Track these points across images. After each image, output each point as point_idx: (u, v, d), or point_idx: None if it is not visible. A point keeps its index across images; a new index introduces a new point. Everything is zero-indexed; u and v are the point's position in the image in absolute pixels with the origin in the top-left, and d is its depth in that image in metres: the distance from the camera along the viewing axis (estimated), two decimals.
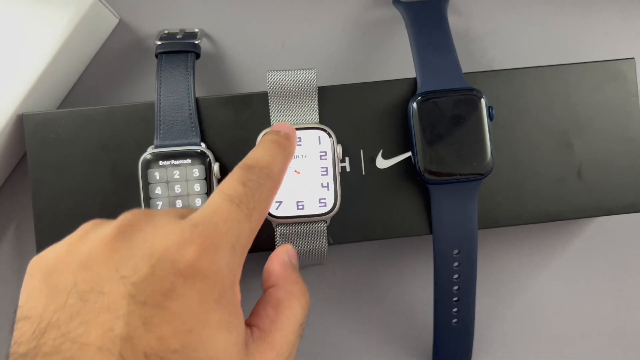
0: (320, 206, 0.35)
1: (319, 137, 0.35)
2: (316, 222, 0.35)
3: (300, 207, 0.34)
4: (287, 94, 0.35)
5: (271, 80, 0.35)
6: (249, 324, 0.24)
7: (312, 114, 0.36)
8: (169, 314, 0.20)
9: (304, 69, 0.36)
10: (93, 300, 0.20)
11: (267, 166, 0.27)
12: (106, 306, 0.20)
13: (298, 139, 0.35)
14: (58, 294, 0.21)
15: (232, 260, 0.23)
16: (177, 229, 0.22)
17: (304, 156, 0.35)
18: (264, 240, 0.36)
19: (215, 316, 0.21)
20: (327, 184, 0.35)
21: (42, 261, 0.23)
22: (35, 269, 0.23)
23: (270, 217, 0.35)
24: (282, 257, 0.27)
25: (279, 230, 0.35)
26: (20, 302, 0.22)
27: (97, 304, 0.20)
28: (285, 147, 0.29)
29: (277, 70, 0.36)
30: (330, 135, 0.35)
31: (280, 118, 0.35)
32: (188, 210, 0.25)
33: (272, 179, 0.26)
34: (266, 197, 0.26)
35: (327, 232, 0.36)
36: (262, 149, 0.28)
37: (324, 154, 0.35)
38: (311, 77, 0.36)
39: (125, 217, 0.24)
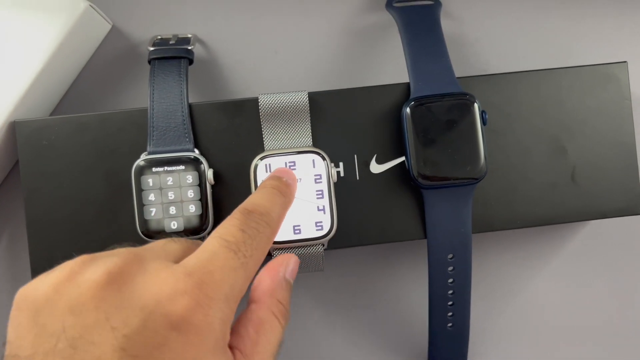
0: (317, 230, 0.35)
1: (313, 160, 0.35)
2: (313, 245, 0.35)
3: (297, 231, 0.34)
4: (279, 116, 0.36)
5: (263, 103, 0.35)
6: (230, 346, 0.24)
7: (306, 137, 0.36)
8: None
9: (296, 92, 0.36)
10: (83, 350, 0.20)
11: (267, 213, 0.27)
12: (97, 357, 0.20)
13: (292, 163, 0.35)
14: (47, 336, 0.21)
15: (226, 311, 0.23)
16: (170, 277, 0.22)
17: (299, 180, 0.35)
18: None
19: None
20: (323, 207, 0.35)
21: (29, 297, 0.22)
22: (23, 305, 0.22)
23: None
24: (277, 269, 0.27)
25: (275, 255, 0.35)
26: (9, 338, 0.22)
27: (88, 354, 0.20)
28: (285, 194, 0.29)
29: (269, 93, 0.36)
30: (324, 158, 0.35)
31: (273, 143, 0.35)
32: (183, 249, 0.25)
33: (270, 226, 0.26)
34: (264, 245, 0.25)
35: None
36: (262, 195, 0.28)
37: (318, 177, 0.35)
38: (303, 99, 0.36)
39: (115, 262, 0.22)
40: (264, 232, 0.26)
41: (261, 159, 0.35)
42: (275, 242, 0.34)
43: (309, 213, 0.35)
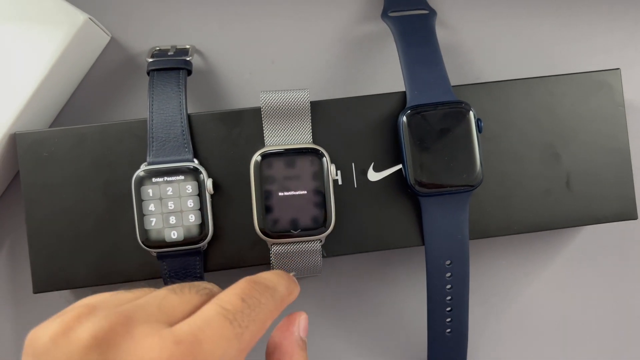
0: (314, 225, 0.35)
1: (313, 157, 0.35)
2: (311, 241, 0.35)
3: (295, 226, 0.35)
4: (280, 114, 0.36)
5: (265, 100, 0.36)
6: None
7: (306, 134, 0.36)
8: None
9: (297, 90, 0.36)
10: None
11: (273, 287, 0.26)
12: None
13: (292, 160, 0.35)
14: None
15: None
16: (156, 345, 0.21)
17: (298, 176, 0.35)
18: (260, 256, 0.37)
19: None
20: (322, 203, 0.35)
21: (34, 342, 0.23)
22: (29, 350, 0.22)
23: (265, 237, 0.35)
24: (292, 330, 0.27)
25: (273, 249, 0.35)
26: None
27: None
28: (292, 283, 0.28)
29: (270, 91, 0.36)
30: (323, 155, 0.35)
31: (274, 139, 0.36)
32: (182, 304, 0.24)
33: (274, 301, 0.25)
34: (263, 318, 0.24)
35: (321, 248, 0.36)
36: (271, 273, 0.27)
37: (317, 174, 0.35)
38: (304, 97, 0.36)
39: (102, 325, 0.22)
40: (266, 304, 0.25)
41: (261, 154, 0.35)
42: (273, 237, 0.35)
43: (308, 208, 0.35)
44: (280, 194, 0.35)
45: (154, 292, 0.25)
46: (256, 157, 0.35)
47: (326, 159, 0.35)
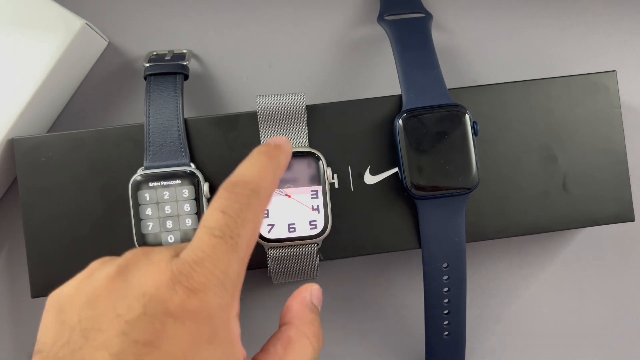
0: (311, 229, 0.35)
1: (309, 160, 0.35)
2: (307, 244, 0.36)
3: (291, 229, 0.35)
4: (276, 117, 0.36)
5: (260, 104, 0.36)
6: None
7: (302, 138, 0.36)
8: (160, 353, 0.21)
9: (293, 94, 0.36)
10: (92, 338, 0.21)
11: (253, 180, 0.26)
12: (102, 343, 0.21)
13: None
14: (65, 330, 0.22)
15: (223, 297, 0.23)
16: (169, 267, 0.23)
17: (294, 180, 0.35)
18: (257, 259, 0.37)
19: (207, 356, 0.22)
20: (318, 206, 0.35)
21: (55, 297, 0.24)
22: (50, 305, 0.24)
23: (261, 241, 0.35)
24: (303, 295, 0.28)
25: (270, 253, 0.35)
26: (38, 336, 0.23)
27: (96, 341, 0.21)
28: (275, 157, 0.28)
29: (266, 95, 0.36)
30: (319, 159, 0.35)
31: None
32: (183, 245, 0.25)
33: (258, 195, 0.26)
34: (253, 218, 0.25)
35: (318, 251, 0.36)
36: (248, 162, 0.27)
37: (314, 177, 0.35)
38: (300, 101, 0.36)
39: (125, 256, 0.24)
40: (251, 204, 0.25)
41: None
42: (270, 240, 0.35)
43: (304, 212, 0.35)
44: (276, 197, 0.35)
45: None
46: None
47: (322, 163, 0.35)
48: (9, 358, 0.41)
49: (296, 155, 0.35)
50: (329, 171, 0.35)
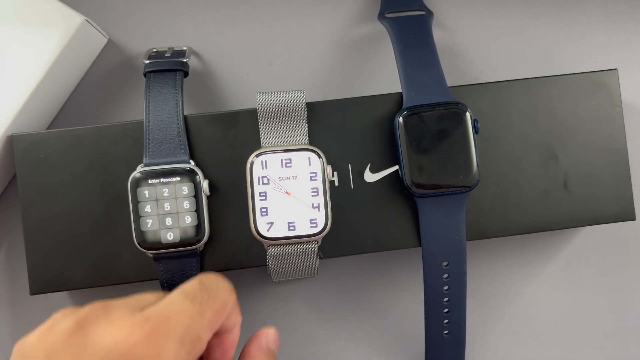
0: (311, 227, 0.35)
1: (309, 158, 0.35)
2: (307, 242, 0.35)
3: (291, 228, 0.35)
4: (276, 115, 0.36)
5: (260, 101, 0.36)
6: None
7: (302, 135, 0.36)
8: None
9: (293, 91, 0.36)
10: None
11: (225, 280, 0.28)
12: None
13: (288, 160, 0.35)
14: None
15: (180, 353, 0.24)
16: (130, 322, 0.24)
17: (294, 177, 0.35)
18: (256, 257, 0.37)
19: None
20: (318, 204, 0.35)
21: (20, 346, 0.26)
22: (15, 354, 0.25)
23: (261, 239, 0.35)
24: (260, 340, 0.29)
25: (270, 251, 0.35)
26: None
27: None
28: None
29: (266, 92, 0.36)
30: (320, 156, 0.35)
31: (270, 140, 0.36)
32: (156, 299, 0.27)
33: (227, 290, 0.28)
34: (221, 297, 0.27)
35: (318, 249, 0.36)
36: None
37: (314, 174, 0.35)
38: (300, 99, 0.36)
39: (85, 311, 0.25)
40: (223, 289, 0.27)
41: (257, 155, 0.35)
42: (270, 238, 0.35)
43: (304, 210, 0.35)
44: (276, 194, 0.35)
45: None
46: (252, 158, 0.35)
47: (323, 160, 0.35)
48: (7, 354, 0.41)
49: (296, 152, 0.35)
50: (329, 169, 0.35)
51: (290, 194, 0.35)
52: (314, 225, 0.35)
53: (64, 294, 0.41)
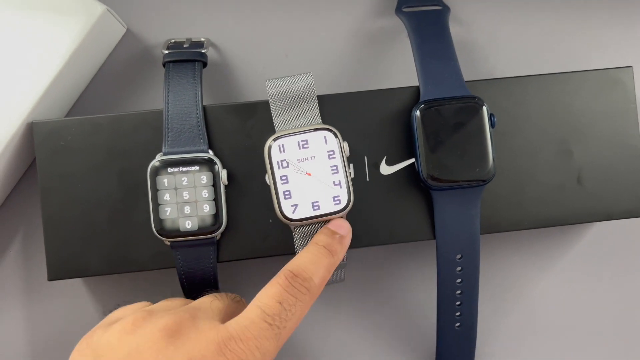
0: (335, 204, 0.35)
1: (325, 137, 0.35)
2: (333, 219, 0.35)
3: (315, 207, 0.35)
4: (287, 99, 0.36)
5: (270, 88, 0.36)
6: None
7: (314, 116, 0.36)
8: None
9: (301, 74, 0.36)
10: None
11: (309, 278, 0.30)
12: None
13: (305, 142, 0.35)
14: None
15: None
16: (215, 338, 0.27)
17: (312, 157, 0.35)
18: (272, 246, 0.37)
19: None
20: (339, 181, 0.35)
21: (92, 344, 0.27)
22: (86, 350, 0.27)
23: (288, 222, 0.35)
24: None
25: (297, 232, 0.35)
26: None
27: None
28: (335, 254, 0.32)
29: (275, 78, 0.36)
30: (335, 135, 0.35)
31: (283, 124, 0.36)
32: (226, 307, 0.30)
33: (310, 292, 0.30)
34: (300, 313, 0.29)
35: None
36: (309, 256, 0.31)
37: (331, 152, 0.35)
38: (309, 81, 0.36)
39: (173, 319, 0.28)
40: (303, 300, 0.29)
41: (274, 140, 0.35)
42: (296, 220, 0.35)
43: (326, 189, 0.35)
44: (297, 176, 0.35)
45: (197, 299, 0.32)
46: (269, 142, 0.35)
47: (339, 137, 0.35)
48: (23, 337, 0.42)
49: (312, 133, 0.35)
50: (345, 145, 0.35)
51: (310, 175, 0.35)
52: (338, 202, 0.35)
53: (80, 281, 0.42)
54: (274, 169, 0.35)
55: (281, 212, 0.34)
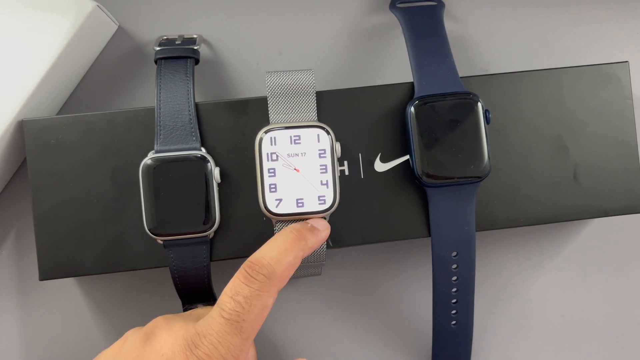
0: (319, 203, 0.35)
1: (318, 135, 0.35)
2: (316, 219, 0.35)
3: (300, 204, 0.35)
4: (285, 93, 0.36)
5: (270, 80, 0.36)
6: None
7: (310, 113, 0.36)
8: None
9: (302, 70, 0.36)
10: None
11: (269, 265, 0.30)
12: None
13: (297, 137, 0.35)
14: None
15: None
16: (184, 335, 0.30)
17: (303, 154, 0.35)
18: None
19: None
20: (327, 181, 0.35)
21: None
22: None
23: (270, 215, 0.35)
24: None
25: (278, 227, 0.35)
26: None
27: None
28: (303, 238, 0.32)
29: (276, 71, 0.36)
30: (328, 133, 0.35)
31: (279, 117, 0.36)
32: (203, 312, 0.33)
33: (271, 279, 0.30)
34: (261, 304, 0.30)
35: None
36: (275, 243, 0.31)
37: (322, 151, 0.35)
38: (309, 77, 0.36)
39: (151, 324, 0.32)
40: (261, 289, 0.30)
41: (266, 132, 0.35)
42: (278, 215, 0.34)
43: (313, 187, 0.35)
44: (285, 171, 0.35)
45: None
46: (261, 134, 0.35)
47: (332, 137, 0.35)
48: (15, 338, 0.41)
49: (305, 129, 0.35)
50: (337, 146, 0.35)
51: (299, 171, 0.35)
52: (322, 202, 0.35)
53: (72, 280, 0.41)
54: (263, 160, 0.34)
55: (264, 205, 0.34)
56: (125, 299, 0.42)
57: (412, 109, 0.36)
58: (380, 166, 0.38)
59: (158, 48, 0.39)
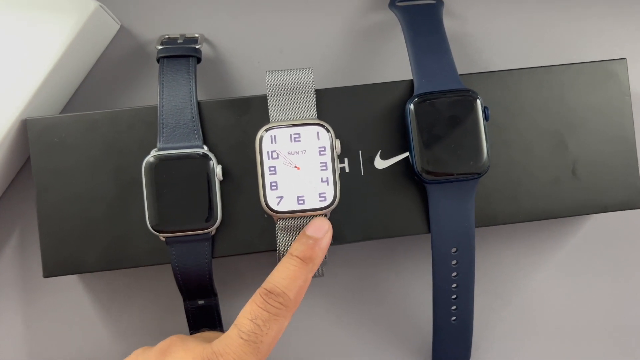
0: (320, 200, 0.35)
1: (318, 132, 0.35)
2: (317, 216, 0.36)
3: (300, 202, 0.35)
4: (285, 92, 0.36)
5: (269, 79, 0.36)
6: None
7: (310, 111, 0.36)
8: None
9: (301, 69, 0.36)
10: None
11: (283, 292, 0.32)
12: None
13: (297, 135, 0.35)
14: None
15: None
16: (201, 354, 0.31)
17: (303, 152, 0.35)
18: (267, 242, 0.37)
19: None
20: (327, 178, 0.35)
21: None
22: None
23: (271, 213, 0.35)
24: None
25: (279, 224, 0.35)
26: None
27: None
28: (310, 261, 0.33)
29: (275, 70, 0.36)
30: (328, 131, 0.35)
31: (279, 115, 0.36)
32: (216, 334, 0.35)
33: (286, 306, 0.32)
34: (277, 327, 0.31)
35: None
36: (284, 270, 0.33)
37: (322, 149, 0.35)
38: (308, 76, 0.36)
39: (165, 342, 0.32)
40: (278, 315, 0.31)
41: (266, 130, 0.35)
42: (280, 212, 0.35)
43: (313, 184, 0.35)
44: (285, 169, 0.35)
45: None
46: (261, 132, 0.35)
47: (331, 134, 0.35)
48: (20, 334, 0.42)
49: (305, 127, 0.35)
50: (337, 143, 0.35)
51: (299, 168, 0.35)
52: (323, 199, 0.35)
53: (76, 277, 0.42)
54: (263, 158, 0.35)
55: (266, 202, 0.35)
56: (128, 295, 0.42)
57: (412, 106, 0.36)
58: (380, 163, 0.38)
59: (160, 47, 0.39)
